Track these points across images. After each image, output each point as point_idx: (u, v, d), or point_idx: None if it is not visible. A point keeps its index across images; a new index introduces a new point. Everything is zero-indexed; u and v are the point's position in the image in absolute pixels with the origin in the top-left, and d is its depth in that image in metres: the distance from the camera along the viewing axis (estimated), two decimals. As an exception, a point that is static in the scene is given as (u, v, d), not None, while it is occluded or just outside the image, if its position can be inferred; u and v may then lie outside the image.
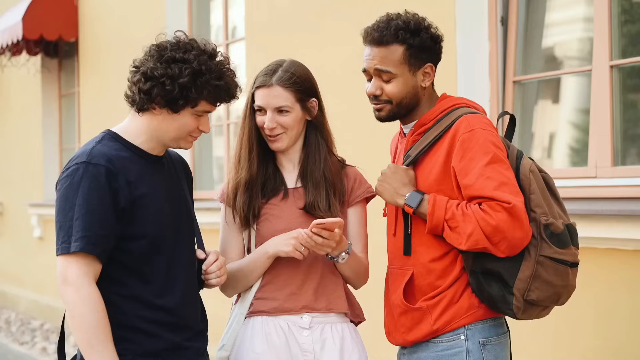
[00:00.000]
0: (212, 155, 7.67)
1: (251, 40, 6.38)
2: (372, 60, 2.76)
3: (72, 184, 2.53)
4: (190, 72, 2.54)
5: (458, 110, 2.75)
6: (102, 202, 2.52)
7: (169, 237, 2.66)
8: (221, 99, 2.63)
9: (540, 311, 2.68)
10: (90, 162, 2.54)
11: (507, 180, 2.59)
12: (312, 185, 2.91)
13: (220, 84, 2.60)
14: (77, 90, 9.60)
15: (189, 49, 2.58)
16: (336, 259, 2.83)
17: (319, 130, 2.95)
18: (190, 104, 2.58)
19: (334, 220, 2.69)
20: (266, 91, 2.86)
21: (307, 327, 2.88)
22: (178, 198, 2.74)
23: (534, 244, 2.60)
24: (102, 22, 8.70)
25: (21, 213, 10.56)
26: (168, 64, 2.55)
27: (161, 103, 2.58)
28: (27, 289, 10.45)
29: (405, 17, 2.76)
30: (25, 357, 8.09)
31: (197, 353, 2.74)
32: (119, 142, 2.64)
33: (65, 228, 2.52)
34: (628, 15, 4.22)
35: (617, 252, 3.81)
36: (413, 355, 2.79)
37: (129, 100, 2.65)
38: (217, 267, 2.76)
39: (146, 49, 2.62)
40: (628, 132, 4.18)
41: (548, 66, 4.70)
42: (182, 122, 2.62)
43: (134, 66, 2.62)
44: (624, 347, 3.78)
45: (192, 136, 2.68)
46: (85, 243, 2.49)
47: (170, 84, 2.54)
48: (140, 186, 2.60)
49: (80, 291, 2.49)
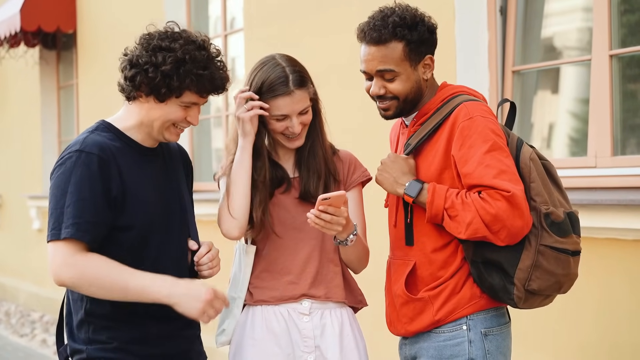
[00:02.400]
0: (211, 147, 7.66)
1: (250, 31, 6.37)
2: (372, 61, 2.73)
3: (64, 172, 2.54)
4: (173, 60, 2.54)
5: (457, 97, 2.74)
6: (94, 189, 2.52)
7: (159, 229, 2.66)
8: (205, 90, 2.62)
9: (542, 300, 2.68)
10: (83, 151, 2.55)
11: (506, 168, 2.58)
12: (308, 172, 2.92)
13: (204, 73, 2.58)
14: (75, 82, 9.58)
15: (176, 38, 2.59)
16: (344, 242, 2.82)
17: (314, 118, 2.95)
18: (174, 94, 2.58)
19: (339, 194, 2.67)
20: (289, 99, 2.84)
21: (307, 312, 2.89)
22: (170, 190, 2.74)
23: (535, 233, 2.60)
24: (100, 13, 8.68)
25: (20, 205, 10.56)
26: (154, 52, 2.56)
27: (146, 91, 2.58)
28: (26, 281, 10.45)
29: (399, 11, 2.72)
30: (25, 349, 8.10)
31: (189, 340, 2.75)
32: (112, 132, 2.65)
33: (56, 215, 2.52)
34: (627, 4, 4.21)
35: (616, 242, 3.81)
36: (415, 346, 2.79)
37: (120, 89, 2.66)
38: (208, 258, 2.76)
39: (137, 38, 2.64)
40: (627, 122, 4.18)
41: (547, 56, 4.69)
42: (168, 112, 2.61)
43: (124, 54, 2.64)
44: (624, 336, 3.79)
45: (178, 128, 2.67)
46: (76, 230, 2.49)
47: (153, 71, 2.54)
48: (131, 177, 2.61)
49: (78, 264, 2.48)
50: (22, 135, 10.77)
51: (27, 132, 10.58)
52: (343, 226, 2.73)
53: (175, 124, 2.66)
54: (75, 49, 9.45)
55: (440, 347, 2.71)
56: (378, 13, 2.75)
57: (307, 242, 2.90)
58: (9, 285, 11.00)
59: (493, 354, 2.70)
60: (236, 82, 7.18)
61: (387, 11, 2.73)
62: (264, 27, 6.18)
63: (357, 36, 2.77)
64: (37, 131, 10.25)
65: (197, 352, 2.79)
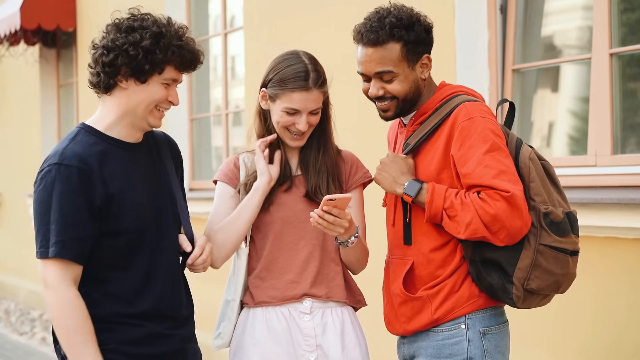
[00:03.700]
0: (211, 145, 7.66)
1: (250, 29, 6.36)
2: (370, 63, 2.72)
3: (45, 187, 2.54)
4: (151, 35, 2.56)
5: (457, 98, 2.74)
6: (76, 204, 2.52)
7: (149, 230, 2.65)
8: (186, 61, 2.62)
9: (540, 300, 2.68)
10: (62, 164, 2.53)
11: (506, 168, 2.58)
12: (313, 171, 2.91)
13: (182, 44, 2.60)
14: (75, 80, 9.58)
15: (145, 18, 2.62)
16: (345, 243, 2.82)
17: (323, 119, 2.94)
18: (156, 70, 2.58)
19: (345, 196, 2.66)
20: (305, 95, 2.83)
21: (308, 312, 2.88)
22: (159, 185, 2.73)
23: (534, 232, 2.59)
24: (100, 11, 8.67)
25: (20, 204, 10.56)
26: (128, 32, 2.58)
27: (127, 73, 2.58)
28: (26, 279, 10.45)
29: (395, 12, 2.71)
30: (25, 347, 8.10)
31: (183, 340, 2.74)
32: (94, 135, 2.62)
33: (43, 232, 2.53)
34: (627, 3, 4.21)
35: (616, 241, 3.81)
36: (413, 345, 2.79)
37: (94, 84, 2.64)
38: (202, 259, 2.75)
39: (102, 28, 2.64)
40: (627, 121, 4.17)
41: (547, 54, 4.69)
42: (151, 92, 2.60)
43: (93, 46, 2.63)
44: (623, 335, 3.78)
45: (161, 109, 2.65)
46: (60, 248, 2.50)
47: (133, 49, 2.55)
48: (116, 181, 2.59)
49: (59, 295, 2.51)
50: (21, 133, 10.77)
51: (26, 131, 10.58)
52: (345, 228, 2.73)
53: (158, 106, 2.64)
54: (75, 47, 9.44)
55: (439, 346, 2.70)
56: (374, 14, 2.74)
57: (308, 241, 2.90)
58: (9, 284, 11.00)
59: (491, 352, 2.69)
60: (236, 80, 7.18)
61: (383, 12, 2.72)
62: (264, 26, 6.17)
63: (354, 38, 2.76)
64: (36, 129, 10.25)
65: (192, 350, 2.79)
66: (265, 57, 3.06)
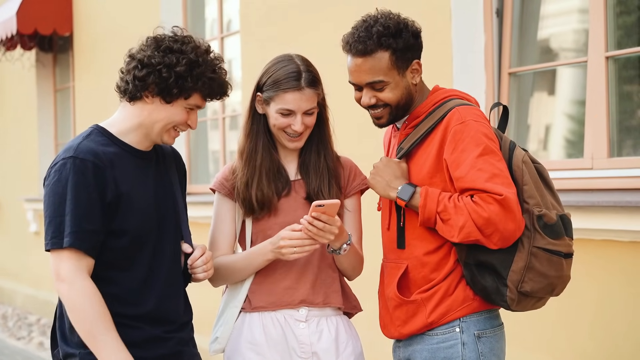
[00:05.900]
0: (208, 149, 7.66)
1: (246, 33, 6.37)
2: (360, 73, 2.72)
3: (60, 179, 2.56)
4: (187, 62, 2.59)
5: (450, 102, 2.74)
6: (90, 197, 2.55)
7: (152, 234, 2.67)
8: (214, 93, 2.67)
9: (534, 302, 2.68)
10: (78, 157, 2.57)
11: (499, 172, 2.58)
12: (314, 174, 2.91)
13: (215, 77, 2.64)
14: (72, 84, 9.58)
15: (187, 41, 2.63)
16: (338, 251, 2.82)
17: (321, 122, 2.95)
18: (184, 95, 2.61)
19: (333, 202, 2.67)
20: (298, 95, 2.84)
21: (303, 320, 2.88)
22: (164, 194, 2.75)
23: (527, 235, 2.59)
24: (97, 16, 8.67)
25: (17, 208, 10.55)
26: (165, 53, 2.59)
27: (154, 91, 2.60)
28: (23, 284, 10.44)
29: (382, 20, 2.71)
30: (22, 352, 8.09)
31: (180, 343, 2.75)
32: (106, 137, 2.66)
33: (56, 223, 2.55)
34: (623, 6, 4.22)
35: (613, 244, 3.81)
36: (408, 348, 2.79)
37: (121, 90, 2.67)
38: (202, 261, 2.76)
39: (142, 40, 2.66)
40: (624, 123, 4.18)
41: (543, 58, 4.69)
42: (173, 113, 2.64)
43: (129, 55, 2.66)
44: (621, 337, 3.78)
45: (178, 130, 2.69)
46: (75, 238, 2.52)
47: (167, 71, 2.57)
48: (125, 182, 2.62)
49: (75, 286, 2.53)
50: (18, 138, 10.76)
51: (23, 135, 10.58)
52: (336, 235, 2.73)
53: (176, 127, 2.68)
54: (71, 52, 9.44)
55: (434, 349, 2.70)
56: (361, 23, 2.73)
57: None
58: (6, 288, 10.99)
59: (487, 356, 2.69)
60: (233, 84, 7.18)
61: (370, 21, 2.72)
62: (261, 30, 6.18)
63: (343, 48, 2.75)
64: (33, 134, 10.25)
65: (190, 353, 2.79)
66: (262, 60, 3.06)
